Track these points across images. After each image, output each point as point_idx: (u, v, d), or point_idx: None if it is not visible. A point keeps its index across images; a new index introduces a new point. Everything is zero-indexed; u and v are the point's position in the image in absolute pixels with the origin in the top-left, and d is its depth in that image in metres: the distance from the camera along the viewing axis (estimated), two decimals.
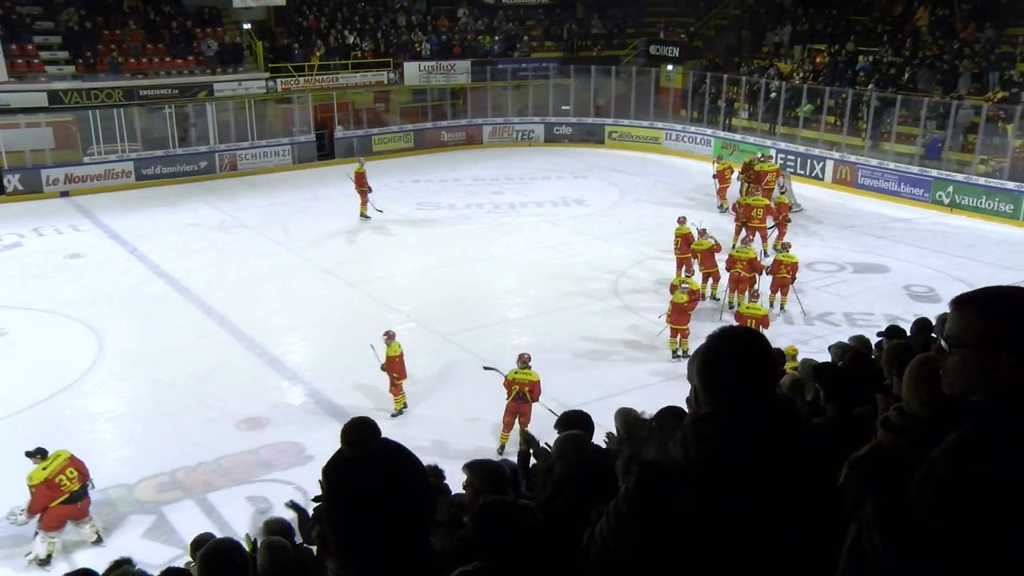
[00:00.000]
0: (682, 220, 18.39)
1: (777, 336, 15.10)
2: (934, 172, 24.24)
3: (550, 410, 10.62)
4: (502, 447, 12.17)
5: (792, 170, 26.09)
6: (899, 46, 28.42)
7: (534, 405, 11.95)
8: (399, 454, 2.22)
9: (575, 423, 5.82)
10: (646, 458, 3.15)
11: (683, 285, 15.44)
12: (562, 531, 3.40)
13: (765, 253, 19.23)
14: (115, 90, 27.48)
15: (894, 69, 27.71)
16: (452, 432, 12.57)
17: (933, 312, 11.83)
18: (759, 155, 25.50)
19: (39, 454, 9.99)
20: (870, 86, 27.45)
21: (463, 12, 35.34)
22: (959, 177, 23.72)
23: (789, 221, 20.47)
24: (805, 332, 15.68)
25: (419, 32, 33.82)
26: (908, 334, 7.13)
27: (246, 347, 15.53)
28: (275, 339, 15.87)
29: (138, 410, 13.40)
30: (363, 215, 23.22)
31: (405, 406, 13.26)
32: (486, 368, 12.52)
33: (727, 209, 23.20)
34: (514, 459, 7.08)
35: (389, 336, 13.27)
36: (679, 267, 17.39)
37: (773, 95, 29.23)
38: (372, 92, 31.83)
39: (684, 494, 2.08)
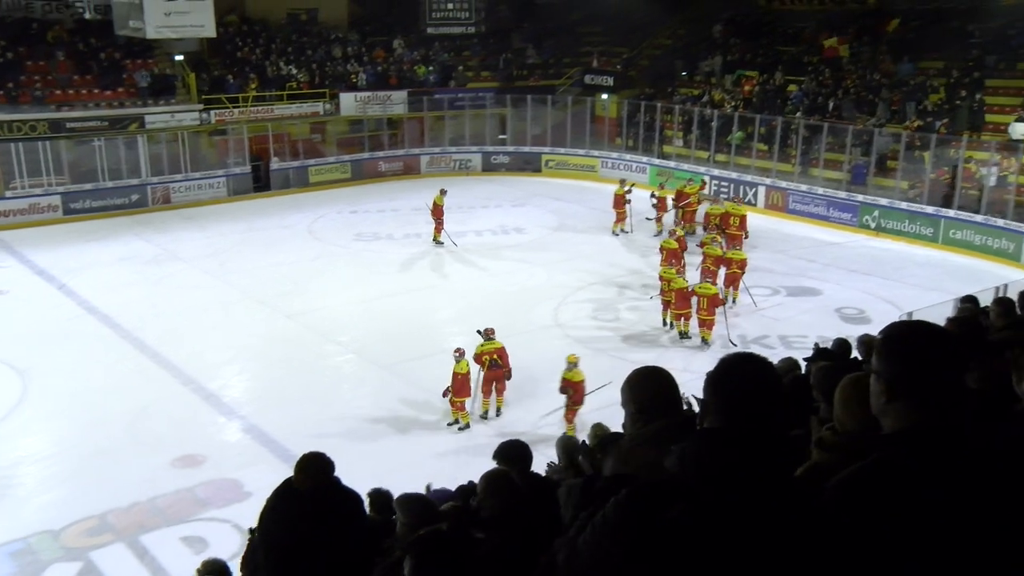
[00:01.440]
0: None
1: (714, 360, 15.30)
2: (860, 197, 25.01)
3: (599, 388, 12.55)
4: (485, 413, 13.90)
5: (726, 195, 26.61)
6: (823, 76, 29.34)
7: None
8: (347, 493, 2.19)
9: (512, 454, 5.78)
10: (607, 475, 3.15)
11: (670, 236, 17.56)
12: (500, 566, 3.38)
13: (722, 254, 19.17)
14: (40, 122, 26.84)
15: (821, 98, 28.59)
16: (395, 463, 12.44)
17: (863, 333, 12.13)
18: (689, 180, 26.07)
19: None
20: (798, 114, 28.24)
21: (398, 43, 35.46)
22: (883, 202, 24.50)
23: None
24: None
25: (355, 63, 33.81)
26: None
27: (181, 382, 15.19)
28: (211, 373, 15.55)
29: (66, 451, 12.97)
30: (436, 240, 23.42)
31: (467, 425, 13.58)
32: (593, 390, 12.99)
33: (660, 232, 23.72)
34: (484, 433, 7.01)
35: (460, 353, 13.65)
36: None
37: (709, 122, 29.85)
38: (308, 123, 31.65)
39: (674, 505, 2.10)
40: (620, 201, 24.24)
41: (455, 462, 12.23)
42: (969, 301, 8.19)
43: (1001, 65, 26.55)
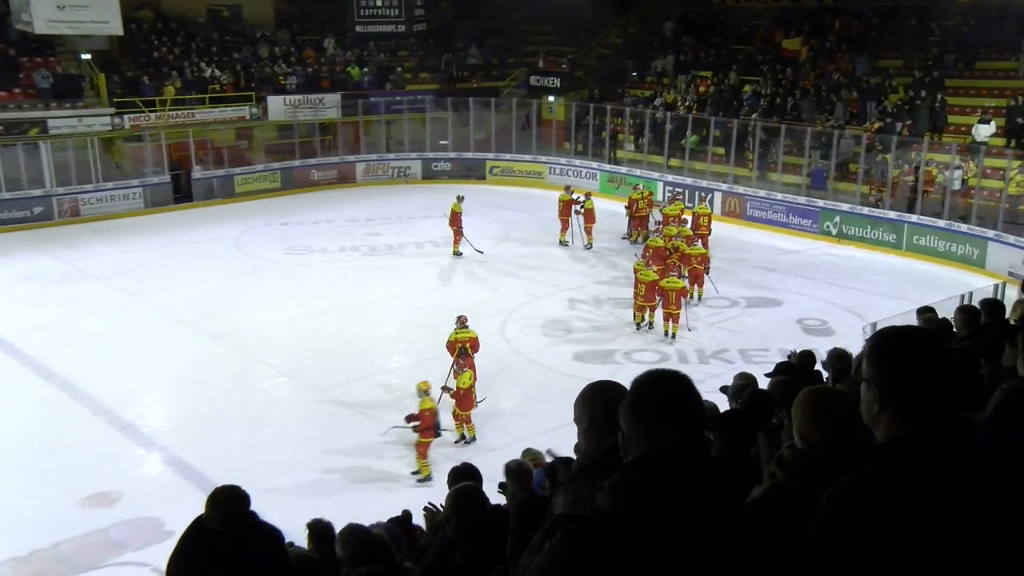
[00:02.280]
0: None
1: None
2: (821, 202, 25.51)
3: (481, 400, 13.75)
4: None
5: (682, 201, 26.95)
6: (779, 76, 29.93)
7: None
8: (266, 530, 2.14)
9: (465, 478, 5.79)
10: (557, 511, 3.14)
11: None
12: None
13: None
14: None
15: (778, 99, 29.14)
16: (335, 493, 12.29)
17: (827, 345, 12.37)
18: (638, 186, 26.41)
19: None
20: (755, 116, 28.74)
21: (330, 42, 35.31)
22: (844, 207, 25.03)
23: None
24: (700, 371, 16.09)
25: (283, 64, 33.56)
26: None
27: (93, 412, 14.83)
28: (128, 402, 15.22)
29: None
30: (456, 252, 23.32)
31: (474, 438, 13.80)
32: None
33: (636, 240, 24.04)
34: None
35: (461, 365, 14.15)
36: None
37: (662, 124, 30.21)
38: (233, 128, 31.31)
39: (612, 544, 2.09)
40: (567, 209, 24.41)
41: (402, 488, 12.12)
42: (928, 311, 8.39)
43: (960, 64, 27.36)
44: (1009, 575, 2.00)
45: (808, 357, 7.55)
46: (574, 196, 24.56)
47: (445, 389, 13.96)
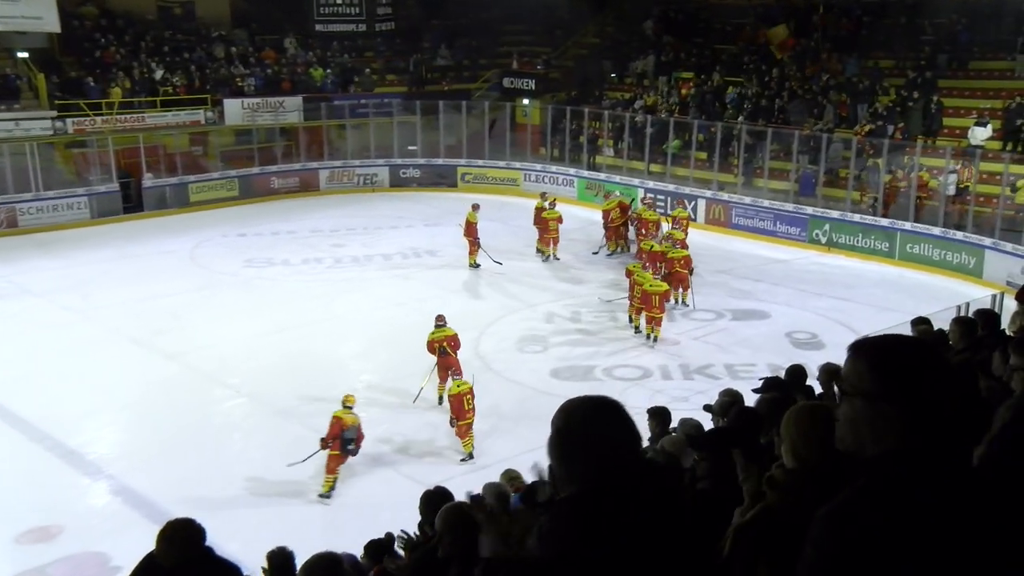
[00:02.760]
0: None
1: (654, 393, 15.49)
2: (809, 209, 25.73)
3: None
4: (440, 398, 15.34)
5: (663, 211, 27.05)
6: (765, 76, 30.19)
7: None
8: (222, 566, 2.10)
9: (440, 502, 5.77)
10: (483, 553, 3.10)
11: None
12: None
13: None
14: None
15: (764, 100, 29.39)
16: (296, 522, 12.19)
17: (817, 360, 12.44)
18: (616, 193, 26.50)
19: None
20: (740, 119, 28.96)
21: (291, 42, 35.26)
22: (834, 214, 25.24)
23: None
24: (684, 387, 16.15)
25: (240, 65, 33.45)
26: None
27: (31, 439, 14.60)
28: (72, 427, 15.02)
29: None
30: (473, 264, 23.44)
31: (470, 455, 13.92)
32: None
33: (613, 252, 24.23)
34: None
35: (452, 371, 14.62)
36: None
37: (642, 128, 30.36)
38: (187, 134, 31.15)
39: None
40: (541, 217, 24.44)
41: (370, 516, 12.04)
42: (923, 323, 8.44)
43: (953, 65, 27.73)
44: None
45: (798, 372, 7.58)
46: (548, 204, 24.61)
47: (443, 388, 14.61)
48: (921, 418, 2.12)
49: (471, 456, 13.93)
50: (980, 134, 24.91)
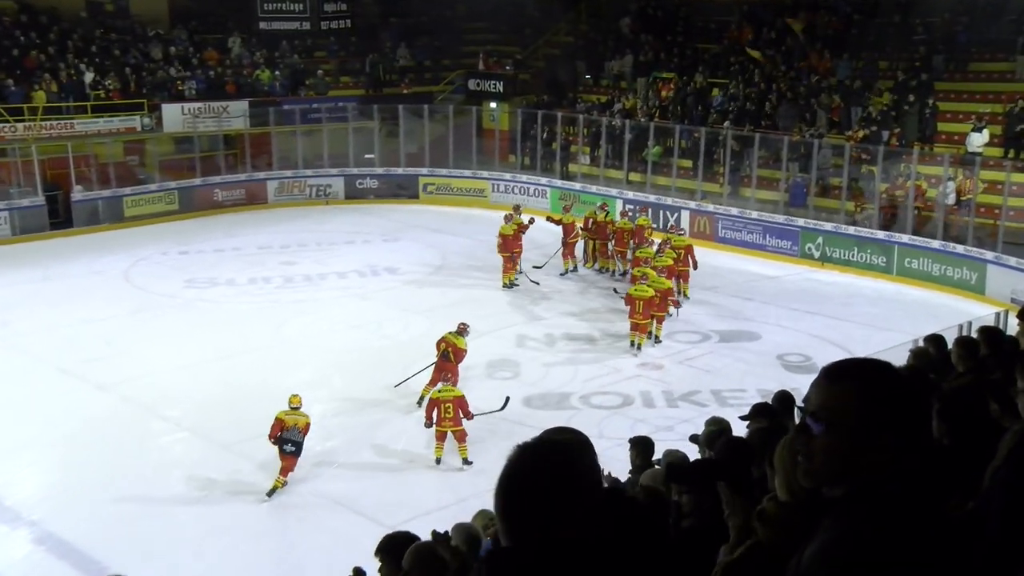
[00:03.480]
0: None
1: (636, 422, 15.57)
2: (801, 221, 25.98)
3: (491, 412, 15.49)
4: (422, 399, 16.30)
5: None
6: (751, 78, 30.48)
7: None
8: None
9: (401, 549, 5.77)
10: None
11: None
12: None
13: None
14: None
15: (751, 103, 29.66)
16: (246, 568, 12.12)
17: (810, 384, 12.53)
18: (600, 204, 26.49)
19: None
20: (725, 123, 29.23)
21: (235, 41, 35.21)
22: (828, 226, 25.52)
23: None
24: (668, 416, 16.25)
25: (180, 66, 33.35)
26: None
27: None
28: None
29: None
30: (509, 283, 23.55)
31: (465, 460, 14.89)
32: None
33: (573, 269, 24.37)
34: None
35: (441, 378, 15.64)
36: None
37: (620, 134, 30.56)
38: (121, 142, 30.99)
39: None
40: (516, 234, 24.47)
41: (325, 560, 12.00)
42: (931, 342, 8.52)
43: (951, 66, 28.19)
44: None
45: (786, 398, 7.67)
46: (524, 219, 24.55)
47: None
48: (907, 450, 2.17)
49: (438, 461, 14.89)
50: (977, 140, 25.27)
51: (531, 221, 24.03)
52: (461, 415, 14.75)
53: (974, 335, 7.75)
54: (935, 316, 19.91)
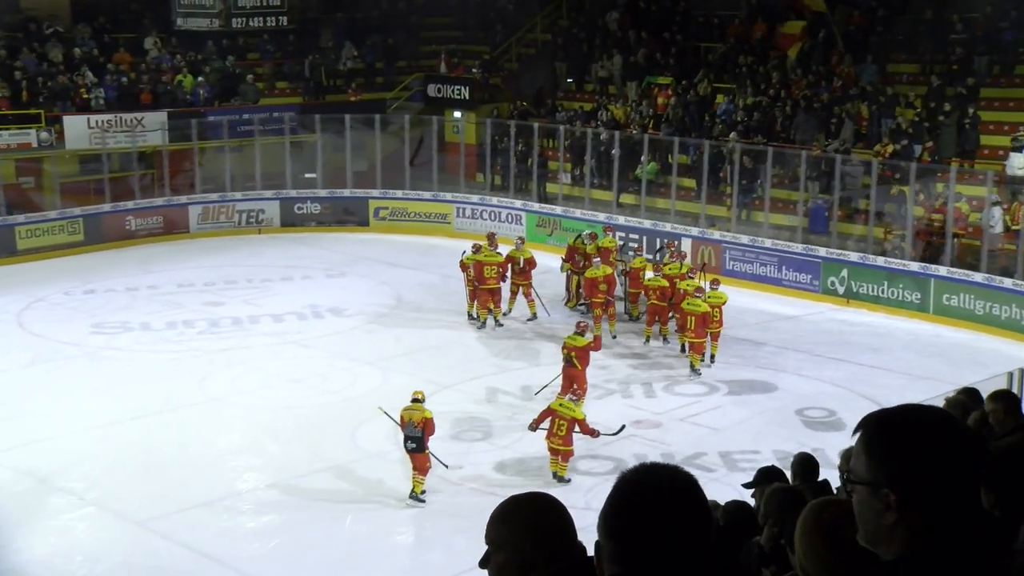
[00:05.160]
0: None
1: None
2: (822, 251, 26.15)
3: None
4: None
5: (635, 252, 27.31)
6: (763, 83, 30.77)
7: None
8: None
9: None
10: None
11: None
12: None
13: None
14: None
15: (762, 113, 29.89)
16: None
17: (836, 444, 12.66)
18: (586, 233, 26.40)
19: None
20: (732, 135, 29.43)
21: (152, 42, 35.25)
22: (853, 257, 25.71)
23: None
24: None
25: (87, 71, 33.35)
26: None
27: None
28: None
29: None
30: (531, 315, 24.38)
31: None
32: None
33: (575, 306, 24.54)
34: None
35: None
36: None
37: (608, 149, 30.75)
38: (12, 160, 30.95)
39: None
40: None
41: None
42: (965, 394, 8.63)
43: (995, 69, 28.60)
44: None
45: (806, 464, 7.71)
46: (498, 250, 24.63)
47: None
48: (933, 514, 2.29)
49: (554, 475, 16.35)
50: (1018, 161, 25.43)
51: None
52: (575, 434, 16.31)
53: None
54: (979, 362, 20.15)
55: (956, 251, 24.69)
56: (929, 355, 21.96)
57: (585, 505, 14.00)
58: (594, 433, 16.56)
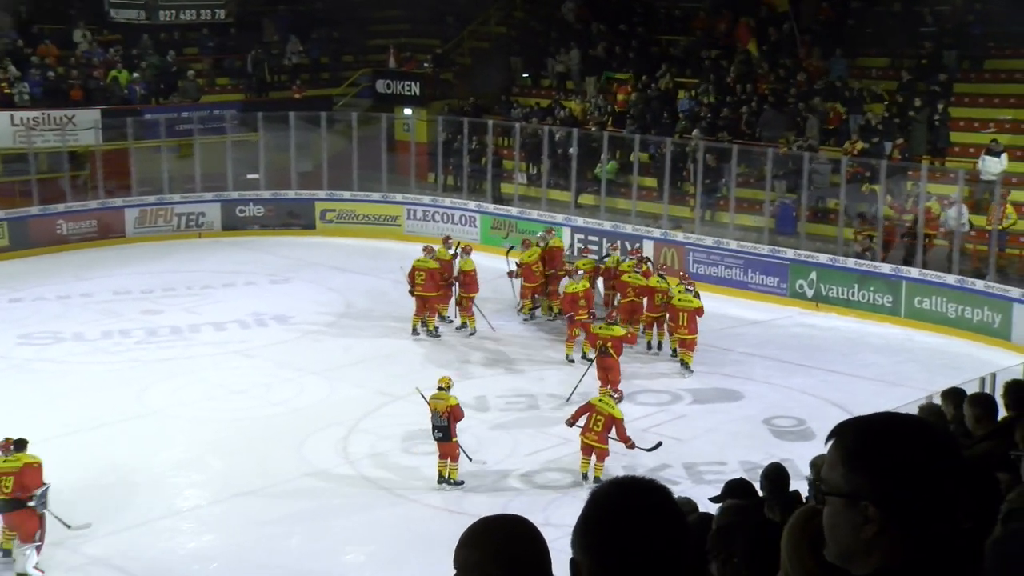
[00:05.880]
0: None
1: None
2: (790, 253, 26.32)
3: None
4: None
5: (596, 256, 27.40)
6: (727, 77, 30.95)
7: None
8: None
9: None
10: None
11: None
12: None
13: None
14: None
15: (727, 109, 30.05)
16: None
17: (805, 454, 12.75)
18: (542, 234, 26.39)
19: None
20: (695, 133, 29.57)
21: (82, 34, 34.94)
22: (822, 259, 25.89)
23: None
24: None
25: (9, 65, 33.03)
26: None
27: None
28: None
29: None
30: (526, 309, 24.83)
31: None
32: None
33: (530, 312, 24.64)
34: None
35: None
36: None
37: (566, 147, 30.79)
38: None
39: None
40: (447, 269, 24.43)
41: None
42: (950, 399, 8.67)
43: (965, 64, 28.94)
44: None
45: (775, 476, 7.74)
46: (453, 251, 24.59)
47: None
48: (914, 526, 2.30)
49: (585, 477, 16.80)
50: (993, 166, 25.47)
51: (455, 255, 24.33)
52: (611, 435, 16.63)
53: (1004, 389, 7.91)
54: (953, 367, 20.35)
55: (928, 252, 24.91)
56: (901, 360, 22.18)
57: (544, 520, 14.00)
58: (629, 442, 16.81)
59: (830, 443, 2.41)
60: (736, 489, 7.11)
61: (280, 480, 17.13)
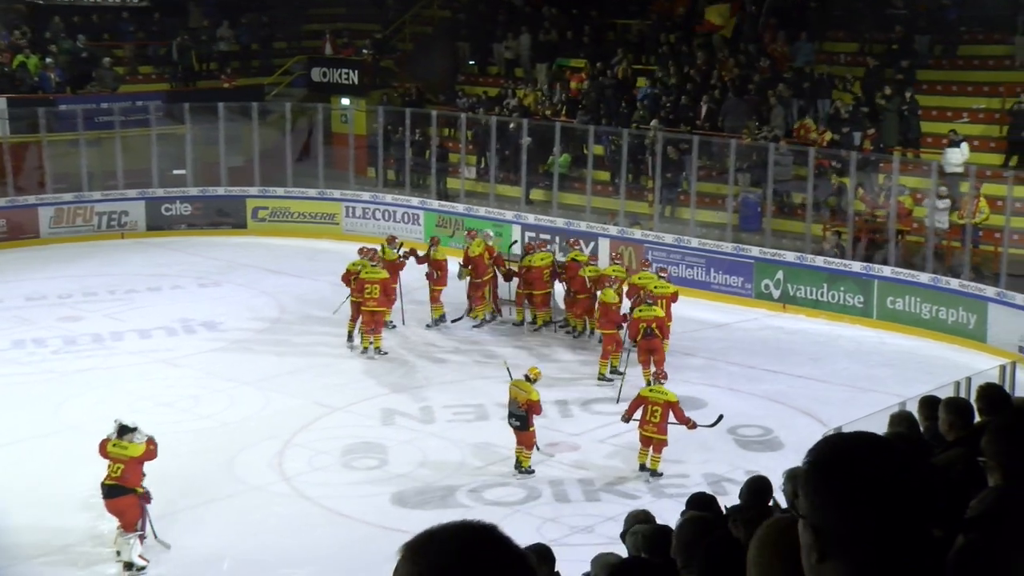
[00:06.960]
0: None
1: (544, 522, 15.73)
2: (755, 250, 26.44)
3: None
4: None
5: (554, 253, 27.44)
6: (686, 65, 31.06)
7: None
8: None
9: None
10: None
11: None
12: None
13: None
14: None
15: (687, 98, 30.16)
16: None
17: (773, 465, 12.83)
18: (487, 232, 26.41)
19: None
20: (653, 123, 29.64)
21: None
22: (789, 256, 26.05)
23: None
24: (587, 513, 16.42)
25: None
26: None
27: None
28: None
29: None
30: (479, 314, 24.68)
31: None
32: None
33: (486, 318, 24.69)
34: None
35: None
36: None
37: (516, 139, 30.82)
38: None
39: None
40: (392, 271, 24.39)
41: None
42: (925, 406, 8.76)
43: (936, 50, 29.22)
44: None
45: (760, 486, 7.79)
46: (401, 252, 24.52)
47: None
48: (866, 558, 2.31)
49: (642, 468, 17.49)
50: (954, 157, 25.75)
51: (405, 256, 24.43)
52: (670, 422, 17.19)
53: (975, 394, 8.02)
54: (928, 371, 20.57)
55: (900, 249, 25.11)
56: (873, 364, 22.35)
57: None
58: (689, 422, 17.33)
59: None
60: (699, 503, 7.17)
61: (209, 499, 17.03)
